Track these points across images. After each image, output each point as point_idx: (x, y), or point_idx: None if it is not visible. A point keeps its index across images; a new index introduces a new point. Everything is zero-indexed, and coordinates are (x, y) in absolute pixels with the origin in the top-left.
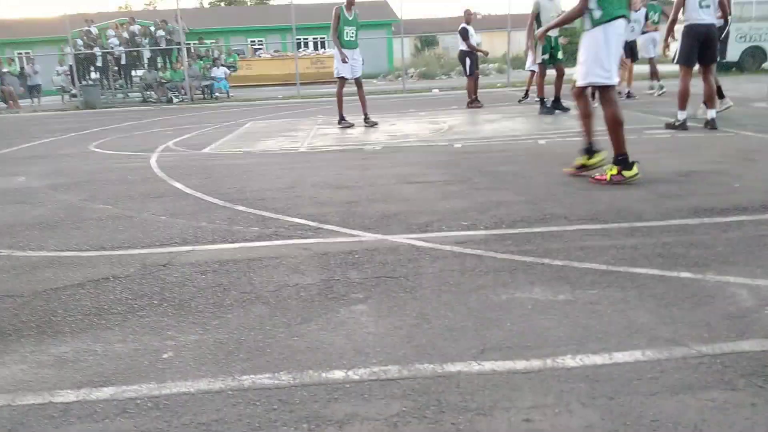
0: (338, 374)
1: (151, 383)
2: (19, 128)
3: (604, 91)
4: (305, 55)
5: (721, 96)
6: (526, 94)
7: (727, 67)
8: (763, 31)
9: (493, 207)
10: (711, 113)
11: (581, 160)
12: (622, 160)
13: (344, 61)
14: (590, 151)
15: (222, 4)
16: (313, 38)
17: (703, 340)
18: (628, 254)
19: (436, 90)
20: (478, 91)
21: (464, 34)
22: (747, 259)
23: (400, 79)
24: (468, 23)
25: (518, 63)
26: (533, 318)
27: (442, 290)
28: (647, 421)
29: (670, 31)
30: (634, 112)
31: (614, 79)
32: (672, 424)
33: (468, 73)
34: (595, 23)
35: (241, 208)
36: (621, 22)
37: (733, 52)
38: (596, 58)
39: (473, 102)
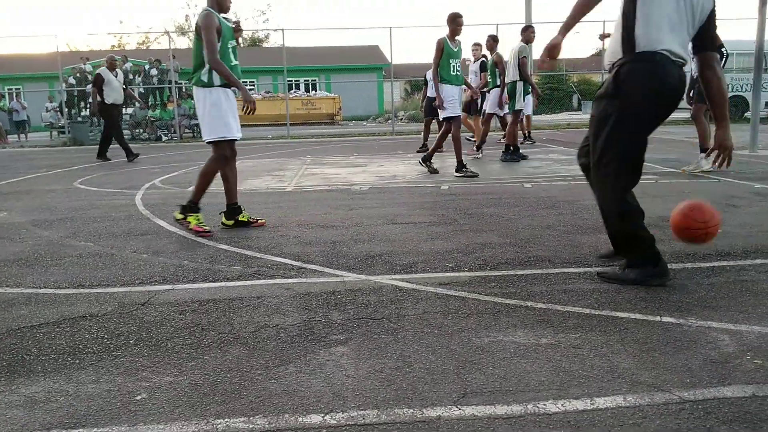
0: (315, 419)
1: (122, 426)
2: (4, 164)
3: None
4: (296, 96)
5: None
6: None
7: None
8: (744, 82)
9: (478, 249)
10: None
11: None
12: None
13: (441, 107)
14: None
15: None
16: (305, 80)
17: (684, 386)
18: (611, 298)
19: None
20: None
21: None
22: (729, 304)
23: (389, 121)
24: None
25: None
26: (515, 362)
27: (424, 332)
28: None
29: None
30: None
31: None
32: None
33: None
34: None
35: (224, 246)
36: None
37: None
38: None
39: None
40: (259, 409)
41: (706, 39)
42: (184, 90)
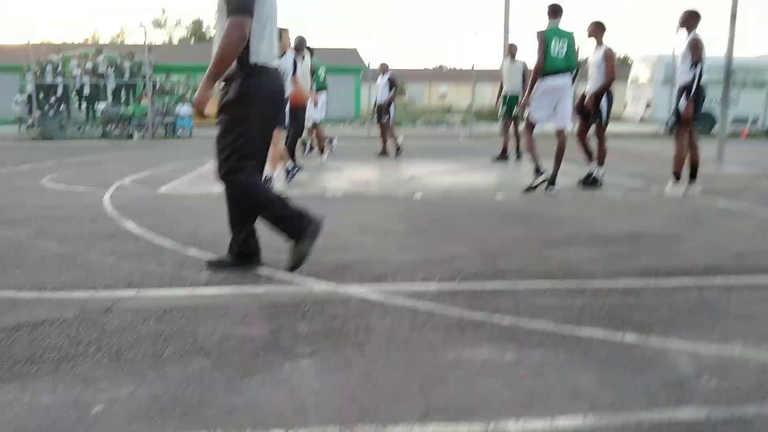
0: None
1: None
2: None
3: None
4: None
5: (693, 176)
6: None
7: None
8: (712, 97)
9: (448, 260)
10: (598, 170)
11: None
12: None
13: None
14: None
15: (191, 41)
16: None
17: (642, 406)
18: (575, 314)
19: (401, 137)
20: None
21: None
22: (688, 322)
23: (365, 124)
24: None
25: (480, 116)
26: (479, 379)
27: (390, 348)
28: None
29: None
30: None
31: None
32: None
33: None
34: None
35: (193, 251)
36: None
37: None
38: None
39: (383, 151)
40: (219, 424)
41: None
42: (158, 86)
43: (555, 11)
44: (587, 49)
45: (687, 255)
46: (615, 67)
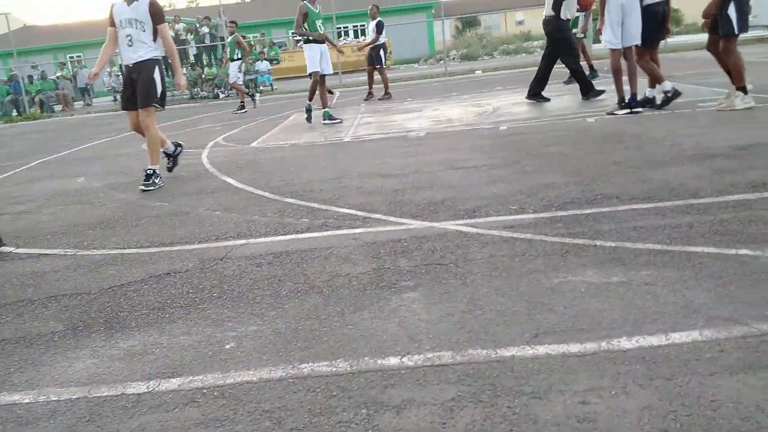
0: (393, 361)
1: (215, 373)
2: (74, 130)
3: None
4: (346, 43)
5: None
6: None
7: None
8: None
9: (542, 190)
10: (651, 92)
11: None
12: None
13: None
14: None
15: None
16: (353, 26)
17: (763, 319)
18: (683, 233)
19: (479, 71)
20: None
21: (380, 28)
22: None
23: (441, 62)
24: (374, 18)
25: None
26: (586, 301)
27: (492, 276)
28: (707, 402)
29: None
30: (687, 84)
31: None
32: (732, 404)
33: (383, 65)
34: None
35: (290, 200)
36: None
37: None
38: None
39: (385, 95)
40: (340, 353)
41: None
42: None
43: None
44: None
45: None
46: None
